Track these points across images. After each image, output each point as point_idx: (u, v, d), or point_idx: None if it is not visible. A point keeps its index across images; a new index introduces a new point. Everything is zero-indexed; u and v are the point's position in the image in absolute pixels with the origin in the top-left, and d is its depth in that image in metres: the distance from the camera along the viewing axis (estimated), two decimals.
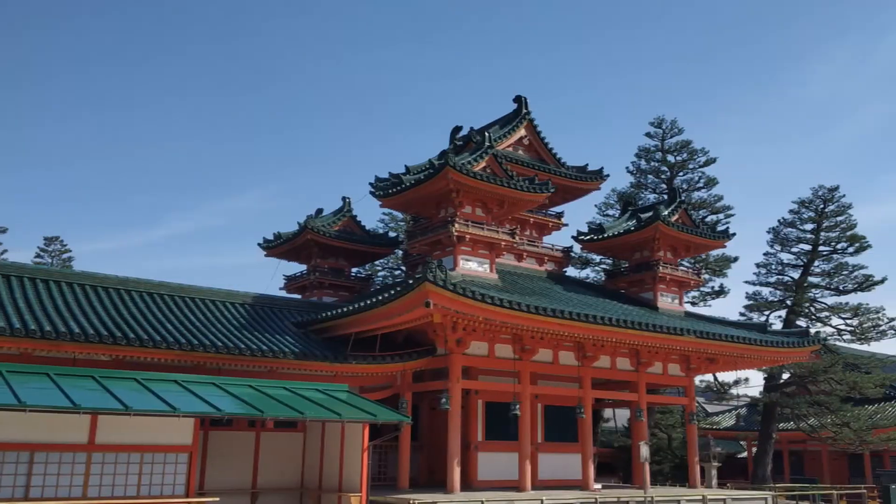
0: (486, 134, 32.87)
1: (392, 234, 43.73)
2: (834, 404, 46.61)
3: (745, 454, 60.74)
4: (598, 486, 33.32)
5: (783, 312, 49.50)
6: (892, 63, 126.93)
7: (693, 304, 48.13)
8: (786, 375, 49.66)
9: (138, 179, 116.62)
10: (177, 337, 24.67)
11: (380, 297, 27.09)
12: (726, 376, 49.62)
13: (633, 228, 37.47)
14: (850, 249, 49.33)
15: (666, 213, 36.73)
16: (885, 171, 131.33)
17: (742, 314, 50.06)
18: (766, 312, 49.75)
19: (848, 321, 48.96)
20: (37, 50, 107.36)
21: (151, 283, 29.24)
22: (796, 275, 50.05)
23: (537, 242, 37.60)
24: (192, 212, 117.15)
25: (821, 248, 49.86)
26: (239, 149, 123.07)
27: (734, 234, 38.88)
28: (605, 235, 38.46)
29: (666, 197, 41.63)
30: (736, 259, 49.88)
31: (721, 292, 49.53)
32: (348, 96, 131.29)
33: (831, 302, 49.51)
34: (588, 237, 39.17)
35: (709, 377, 48.98)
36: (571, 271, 43.71)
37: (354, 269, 41.25)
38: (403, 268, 44.14)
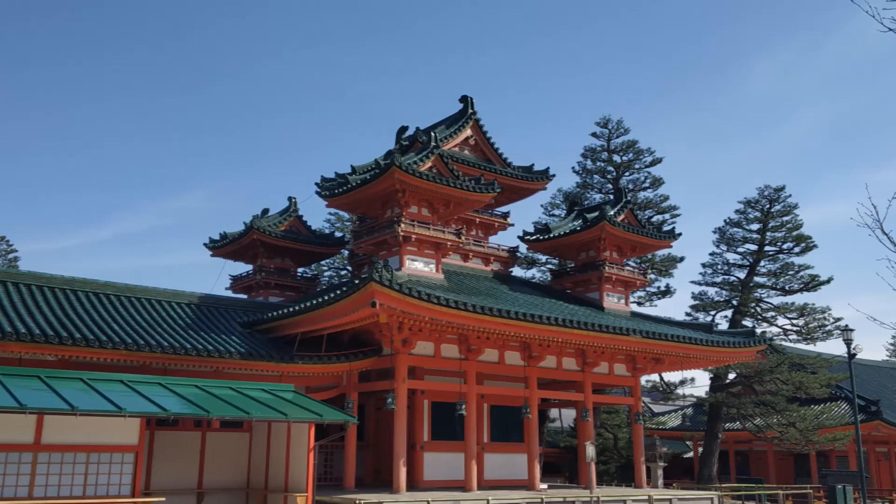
0: (432, 134, 33.45)
1: (338, 235, 44.28)
2: (780, 404, 47.16)
3: (691, 454, 61.60)
4: (545, 486, 33.94)
5: (729, 312, 50.27)
6: (836, 62, 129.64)
7: (639, 304, 48.88)
8: (732, 375, 50.19)
9: (84, 179, 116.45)
10: (123, 337, 25.15)
11: (326, 297, 27.61)
12: (672, 376, 50.63)
13: (579, 228, 38.12)
14: (796, 249, 50.21)
15: (612, 213, 37.41)
16: (831, 171, 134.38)
17: (688, 314, 50.60)
18: (713, 312, 50.37)
19: (794, 321, 49.81)
20: None
21: (97, 283, 29.70)
22: (742, 275, 50.92)
23: (483, 242, 38.09)
24: (138, 211, 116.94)
25: (767, 247, 50.74)
26: (185, 148, 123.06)
27: (680, 234, 39.67)
28: (551, 235, 39.13)
29: (612, 197, 42.31)
30: (682, 259, 50.46)
31: (667, 292, 50.15)
32: (295, 95, 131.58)
33: (777, 302, 50.36)
34: (534, 237, 39.86)
35: (655, 377, 49.75)
36: (517, 271, 44.40)
37: (300, 269, 41.77)
38: (349, 268, 44.51)
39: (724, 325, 47.69)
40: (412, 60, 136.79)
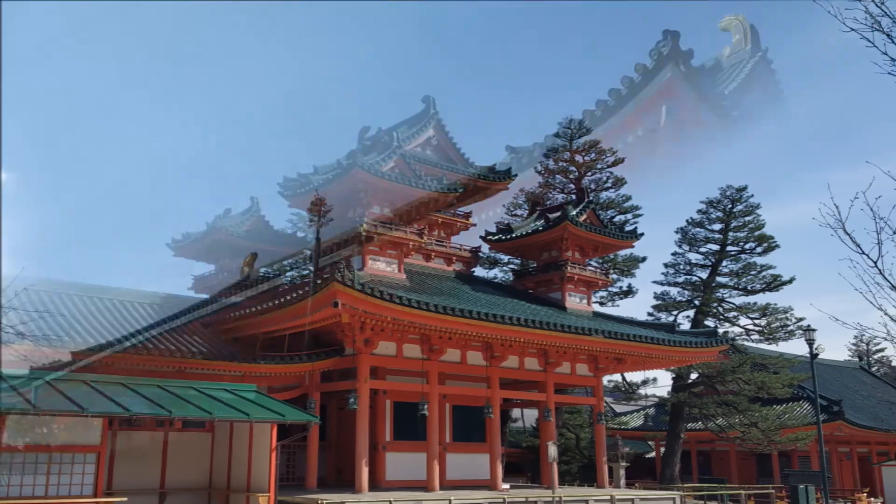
0: (394, 134, 33.94)
1: (300, 234, 44.48)
2: (742, 404, 47.60)
3: (653, 454, 62.24)
4: (507, 486, 34.40)
5: (691, 312, 50.63)
6: (805, 62, 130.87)
7: (601, 304, 49.26)
8: (694, 375, 50.64)
9: None
10: (85, 337, 25.37)
11: (288, 297, 28.03)
12: (634, 376, 50.90)
13: (541, 228, 38.65)
14: (759, 249, 50.62)
15: (574, 212, 37.90)
16: (797, 171, 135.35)
17: (650, 314, 50.97)
18: (675, 312, 50.79)
19: (756, 321, 50.23)
20: None
21: (60, 284, 29.88)
22: (704, 275, 51.29)
23: (445, 242, 38.44)
24: None
25: (729, 248, 51.08)
26: None
27: (642, 234, 40.35)
28: (514, 235, 39.67)
29: (574, 197, 42.75)
30: (644, 259, 50.90)
31: (629, 292, 50.68)
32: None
33: (739, 302, 50.77)
34: (496, 237, 40.37)
35: (617, 377, 50.16)
36: (480, 271, 44.55)
37: (263, 269, 41.95)
38: (311, 268, 44.75)
39: (686, 326, 47.95)
40: (379, 61, 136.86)
